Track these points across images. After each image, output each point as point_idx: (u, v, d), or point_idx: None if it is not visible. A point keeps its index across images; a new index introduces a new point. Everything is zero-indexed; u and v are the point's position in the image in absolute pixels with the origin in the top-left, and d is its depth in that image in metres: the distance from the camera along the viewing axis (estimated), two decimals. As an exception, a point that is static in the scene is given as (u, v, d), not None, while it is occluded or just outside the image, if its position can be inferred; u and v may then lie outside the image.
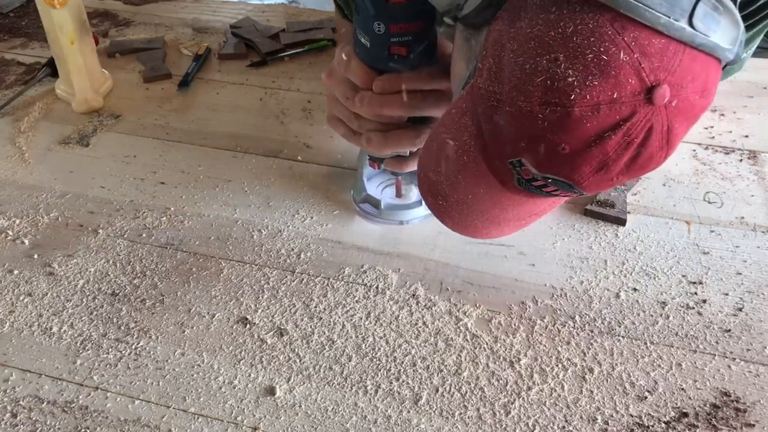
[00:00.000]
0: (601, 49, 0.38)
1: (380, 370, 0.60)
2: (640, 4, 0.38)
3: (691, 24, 0.39)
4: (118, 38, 1.15)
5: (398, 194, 0.77)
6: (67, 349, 0.62)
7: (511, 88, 0.42)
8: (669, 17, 0.38)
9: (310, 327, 0.64)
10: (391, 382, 0.59)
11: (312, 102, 0.97)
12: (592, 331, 0.63)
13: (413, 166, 0.69)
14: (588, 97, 0.39)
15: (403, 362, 0.60)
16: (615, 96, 0.39)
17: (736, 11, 0.41)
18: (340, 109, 0.67)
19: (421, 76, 0.62)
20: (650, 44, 0.38)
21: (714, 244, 0.71)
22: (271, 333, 0.63)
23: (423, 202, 0.75)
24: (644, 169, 0.43)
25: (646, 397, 0.57)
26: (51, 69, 1.01)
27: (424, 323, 0.64)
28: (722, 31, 0.40)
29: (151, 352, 0.62)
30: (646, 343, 0.61)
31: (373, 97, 0.62)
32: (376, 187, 0.78)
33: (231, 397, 0.58)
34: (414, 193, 0.77)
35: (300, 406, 0.57)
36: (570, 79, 0.39)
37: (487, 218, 0.54)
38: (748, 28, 0.65)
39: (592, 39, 0.39)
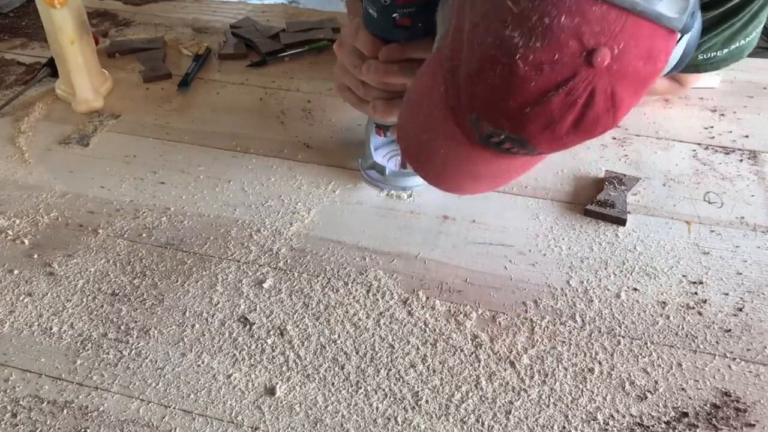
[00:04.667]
0: (545, 13, 0.41)
1: (380, 370, 0.60)
2: None
3: None
4: (118, 38, 1.15)
5: (403, 165, 0.80)
6: (67, 349, 0.62)
7: (468, 48, 0.46)
8: None
9: (310, 327, 0.64)
10: (391, 382, 0.59)
11: (312, 102, 0.97)
12: (592, 331, 0.63)
13: None
14: (531, 57, 0.42)
15: (403, 362, 0.60)
16: (556, 57, 0.42)
17: None
18: (348, 78, 0.70)
19: (424, 46, 0.65)
20: (591, 10, 0.41)
21: (714, 244, 0.71)
22: (271, 333, 0.63)
23: None
24: (593, 130, 0.46)
25: (646, 397, 0.57)
26: (51, 69, 1.01)
27: (424, 323, 0.64)
28: (668, 0, 0.43)
29: (151, 352, 0.62)
30: (646, 343, 0.61)
31: (379, 65, 0.66)
32: (383, 156, 0.82)
33: (231, 397, 0.58)
34: None
35: (300, 406, 0.57)
36: (515, 40, 0.42)
37: (460, 172, 0.57)
38: (729, 13, 0.68)
39: (536, 3, 0.42)
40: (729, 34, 0.74)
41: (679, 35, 0.45)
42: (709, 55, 0.77)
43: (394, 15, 0.63)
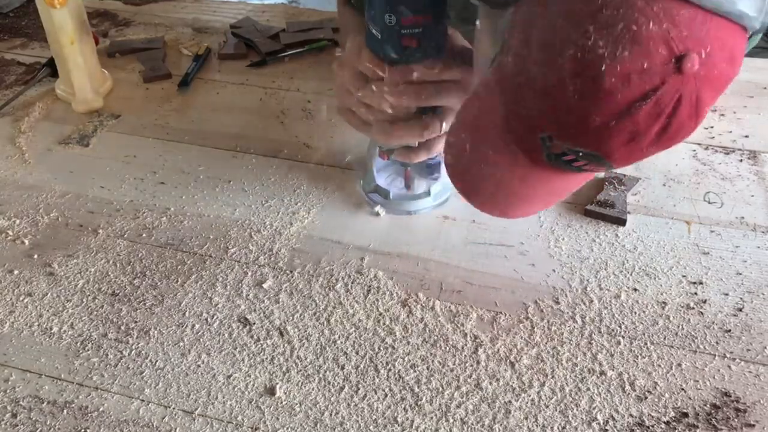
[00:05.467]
0: (631, 20, 0.39)
1: (380, 371, 0.60)
2: None
3: None
4: (118, 38, 1.15)
5: (407, 185, 0.78)
6: (67, 349, 0.62)
7: (542, 63, 0.42)
8: None
9: (310, 327, 0.64)
10: (391, 383, 0.59)
11: (312, 102, 0.97)
12: (592, 332, 0.63)
13: (422, 157, 0.70)
14: (618, 67, 0.40)
15: (403, 362, 0.60)
16: (645, 66, 0.39)
17: None
18: (351, 100, 0.67)
19: (431, 68, 0.62)
20: (678, 14, 0.39)
21: (714, 244, 0.71)
22: (271, 333, 0.63)
23: (432, 193, 0.76)
24: (674, 140, 0.44)
25: (646, 397, 0.57)
26: (51, 69, 1.01)
27: (424, 323, 0.64)
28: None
29: (151, 352, 0.62)
30: (646, 343, 0.61)
31: (385, 88, 0.63)
32: (386, 178, 0.79)
33: (231, 397, 0.58)
34: (422, 185, 0.78)
35: (300, 406, 0.57)
36: (600, 51, 0.40)
37: (515, 197, 0.55)
38: None
39: (621, 10, 0.39)
40: None
41: (749, 34, 0.43)
42: None
43: (399, 35, 0.60)
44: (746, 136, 0.87)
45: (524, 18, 0.44)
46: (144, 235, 0.75)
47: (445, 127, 0.65)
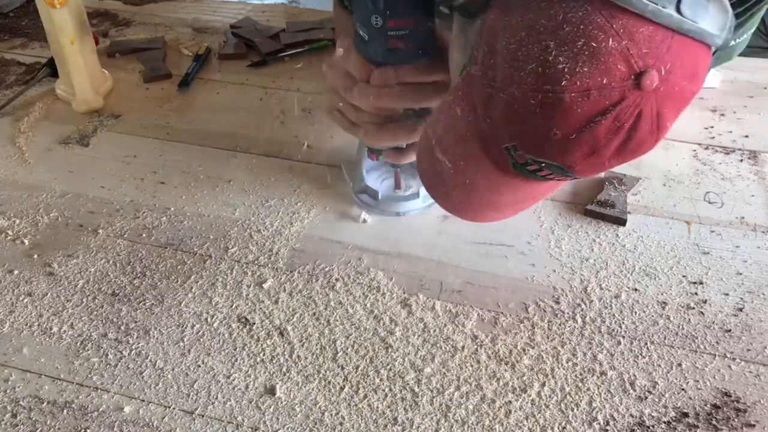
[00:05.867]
0: (591, 36, 0.39)
1: (380, 371, 0.60)
2: None
3: (678, 11, 0.40)
4: (118, 38, 1.15)
5: (397, 186, 0.78)
6: (67, 349, 0.62)
7: (504, 76, 0.43)
8: (656, 4, 0.39)
9: (310, 327, 0.64)
10: (391, 383, 0.59)
11: (312, 102, 0.97)
12: (592, 332, 0.63)
13: (411, 158, 0.70)
14: (578, 83, 0.40)
15: (403, 362, 0.60)
16: (604, 82, 0.40)
17: None
18: (339, 101, 0.68)
19: (418, 69, 0.63)
20: (638, 31, 0.39)
21: (714, 244, 0.71)
22: (271, 333, 0.63)
23: (420, 194, 0.75)
24: (635, 154, 0.44)
25: (646, 397, 0.57)
26: (51, 69, 1.01)
27: (424, 323, 0.64)
28: (710, 17, 0.41)
29: (151, 353, 0.62)
30: (646, 343, 0.61)
31: (371, 89, 0.63)
32: (375, 178, 0.79)
33: (231, 397, 0.58)
34: (412, 185, 0.77)
35: (300, 406, 0.57)
36: (560, 66, 0.40)
37: (485, 203, 0.55)
38: (738, 15, 0.66)
39: (582, 27, 0.40)
40: None
41: (713, 50, 0.43)
42: None
43: (386, 37, 0.60)
44: (746, 136, 0.87)
45: (490, 29, 0.45)
46: (144, 235, 0.75)
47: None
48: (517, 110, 0.43)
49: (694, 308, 0.65)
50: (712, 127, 0.89)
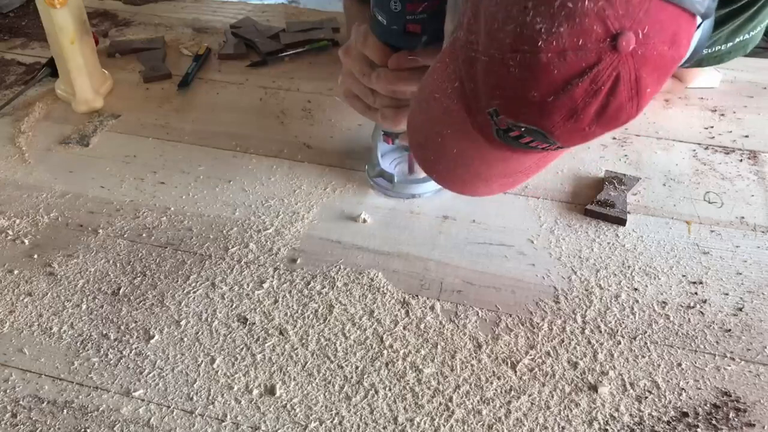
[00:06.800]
0: None
1: (380, 370, 0.60)
2: None
3: None
4: (118, 38, 1.15)
5: (410, 170, 0.79)
6: (67, 349, 0.62)
7: (485, 38, 0.44)
8: None
9: (310, 327, 0.64)
10: (391, 383, 0.59)
11: (312, 102, 0.97)
12: (592, 332, 0.63)
13: None
14: (555, 43, 0.40)
15: (403, 363, 0.60)
16: (580, 42, 0.40)
17: None
18: (357, 86, 0.69)
19: (435, 53, 0.63)
20: None
21: (714, 244, 0.71)
22: (271, 333, 0.63)
23: None
24: (616, 121, 0.45)
25: (646, 397, 0.57)
26: (51, 69, 1.01)
27: (424, 323, 0.64)
28: None
29: (151, 353, 0.62)
30: (646, 343, 0.61)
31: (389, 73, 0.65)
32: (390, 163, 0.81)
33: (231, 397, 0.58)
34: None
35: (300, 406, 0.57)
36: (537, 26, 0.41)
37: (474, 174, 0.56)
38: (748, 5, 0.66)
39: None
40: (733, 28, 0.73)
41: (699, 21, 0.44)
42: (713, 49, 0.75)
43: (404, 22, 0.62)
44: (746, 136, 0.87)
45: None
46: (144, 235, 0.75)
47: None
48: (497, 72, 0.43)
49: (694, 308, 0.65)
50: (712, 127, 0.89)
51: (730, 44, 0.75)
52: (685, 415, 0.56)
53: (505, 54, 0.42)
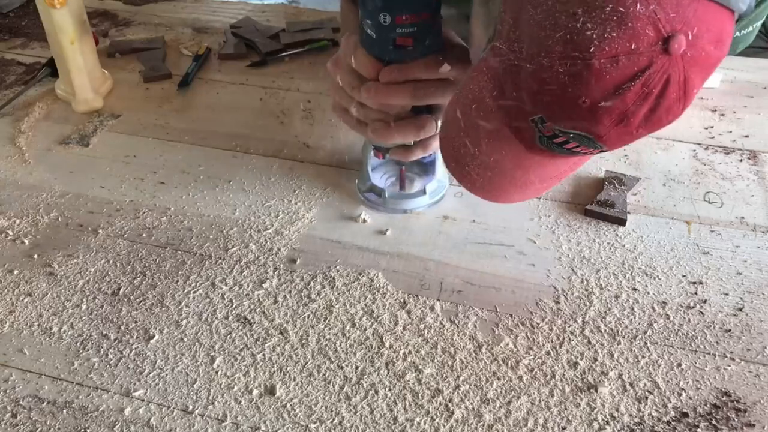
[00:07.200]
0: (618, 2, 0.39)
1: (380, 370, 0.60)
2: None
3: None
4: (118, 38, 1.15)
5: (401, 187, 0.78)
6: (67, 349, 0.62)
7: (531, 46, 0.43)
8: None
9: (310, 327, 0.64)
10: (391, 383, 0.59)
11: (312, 102, 0.97)
12: (592, 332, 0.63)
13: (418, 155, 0.71)
14: (607, 49, 0.40)
15: (403, 363, 0.60)
16: (633, 47, 0.40)
17: None
18: (346, 99, 0.68)
19: (426, 66, 0.63)
20: None
21: (714, 244, 0.71)
22: (271, 333, 0.63)
23: (427, 191, 0.76)
24: (662, 122, 0.44)
25: (646, 398, 0.57)
26: (51, 69, 1.01)
27: (424, 324, 0.64)
28: None
29: (151, 353, 0.62)
30: (646, 343, 0.61)
31: (379, 87, 0.64)
32: (380, 177, 0.80)
33: (231, 397, 0.58)
34: (417, 184, 0.78)
35: (300, 406, 0.57)
36: (589, 33, 0.40)
37: (509, 181, 0.55)
38: None
39: None
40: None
41: (736, 17, 0.43)
42: None
43: (393, 35, 0.61)
44: (746, 136, 0.87)
45: (515, 1, 0.45)
46: (144, 235, 0.75)
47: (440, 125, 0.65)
48: (545, 80, 0.43)
49: (694, 308, 0.65)
50: (712, 127, 0.89)
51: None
52: (685, 415, 0.56)
53: (554, 61, 0.42)
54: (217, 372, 0.60)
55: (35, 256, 0.72)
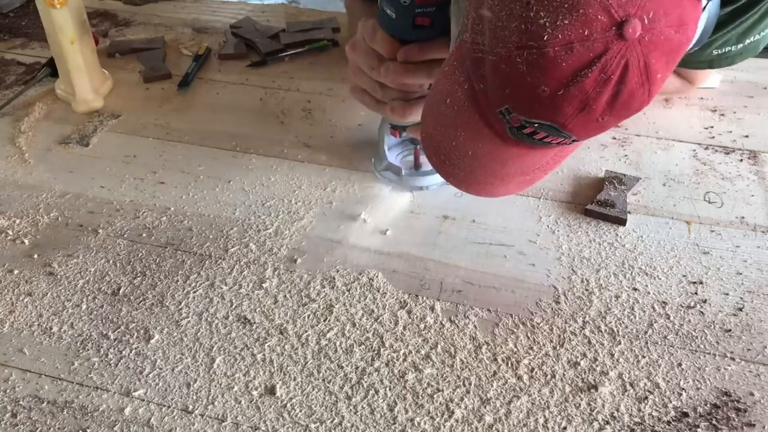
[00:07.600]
0: None
1: (380, 370, 0.60)
2: None
3: None
4: (118, 38, 1.15)
5: (416, 164, 0.80)
6: (67, 349, 0.62)
7: (491, 37, 0.44)
8: None
9: (311, 327, 0.64)
10: (391, 383, 0.59)
11: (312, 102, 0.97)
12: (592, 332, 0.63)
13: None
14: (560, 36, 0.41)
15: (404, 363, 0.60)
16: (586, 33, 0.40)
17: None
18: (365, 80, 0.70)
19: (443, 46, 0.64)
20: None
21: (714, 244, 0.71)
22: (271, 333, 0.63)
23: None
24: (629, 108, 0.44)
25: (646, 398, 0.57)
26: (51, 69, 1.01)
27: (424, 324, 0.64)
28: None
29: (151, 353, 0.62)
30: (646, 343, 0.61)
31: (398, 66, 0.65)
32: (396, 156, 0.82)
33: (231, 397, 0.58)
34: None
35: (300, 406, 0.57)
36: (542, 21, 0.41)
37: (490, 174, 0.55)
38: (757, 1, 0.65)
39: None
40: (743, 29, 0.73)
41: (704, 2, 0.43)
42: (723, 50, 0.74)
43: (413, 15, 0.62)
44: (746, 136, 0.87)
45: None
46: (144, 235, 0.75)
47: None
48: (505, 70, 0.43)
49: (694, 308, 0.65)
50: (712, 127, 0.89)
51: (740, 45, 0.75)
52: (686, 415, 0.56)
53: (511, 52, 0.42)
54: (217, 372, 0.60)
55: (35, 256, 0.72)
